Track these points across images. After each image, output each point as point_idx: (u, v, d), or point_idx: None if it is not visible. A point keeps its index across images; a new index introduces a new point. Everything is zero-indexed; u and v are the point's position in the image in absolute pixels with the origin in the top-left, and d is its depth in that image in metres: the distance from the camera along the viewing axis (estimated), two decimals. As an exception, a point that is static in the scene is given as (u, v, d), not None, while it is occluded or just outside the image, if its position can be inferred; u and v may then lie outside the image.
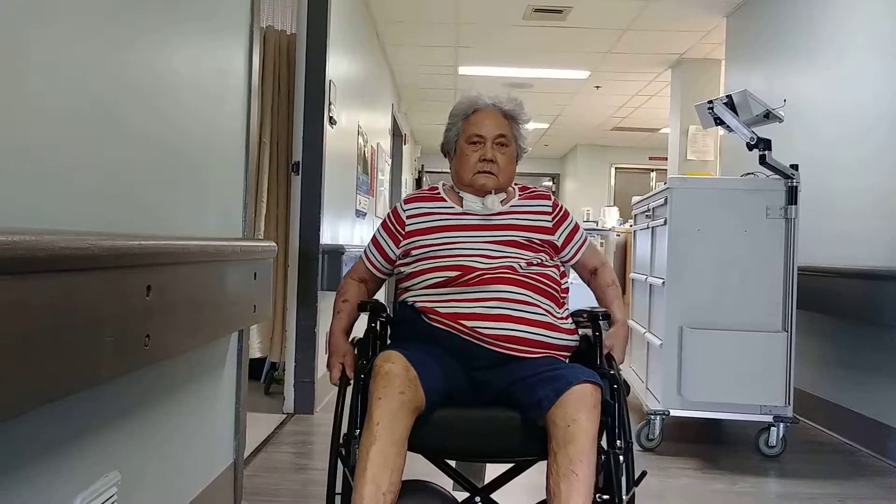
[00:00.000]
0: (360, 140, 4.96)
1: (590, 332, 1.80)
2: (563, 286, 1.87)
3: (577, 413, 1.51)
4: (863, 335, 3.42)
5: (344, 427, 1.63)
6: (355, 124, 4.76)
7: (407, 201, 1.98)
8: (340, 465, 1.62)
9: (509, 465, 1.78)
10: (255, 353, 3.85)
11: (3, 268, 0.94)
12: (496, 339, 1.71)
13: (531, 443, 1.59)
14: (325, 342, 3.83)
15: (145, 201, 1.63)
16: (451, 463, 1.83)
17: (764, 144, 3.08)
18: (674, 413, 3.15)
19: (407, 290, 1.85)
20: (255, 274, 2.14)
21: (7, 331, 0.95)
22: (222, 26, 2.13)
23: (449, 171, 2.03)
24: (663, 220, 3.29)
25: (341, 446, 1.62)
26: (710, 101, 3.32)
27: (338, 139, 4.08)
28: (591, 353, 1.76)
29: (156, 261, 1.42)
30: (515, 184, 1.99)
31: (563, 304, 1.86)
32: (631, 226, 4.61)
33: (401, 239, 1.91)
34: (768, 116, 3.20)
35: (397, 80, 7.79)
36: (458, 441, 1.67)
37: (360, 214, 5.00)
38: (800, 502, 2.69)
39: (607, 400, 1.60)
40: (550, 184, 14.41)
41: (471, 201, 1.90)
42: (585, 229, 2.29)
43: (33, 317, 1.01)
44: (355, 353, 1.77)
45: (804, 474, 3.01)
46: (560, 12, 5.40)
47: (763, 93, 3.53)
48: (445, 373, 1.66)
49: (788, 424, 3.10)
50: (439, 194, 1.97)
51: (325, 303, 3.72)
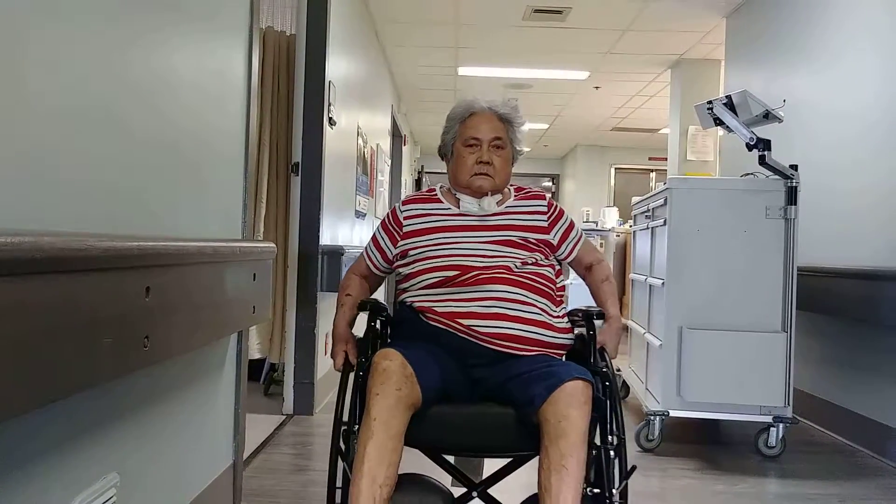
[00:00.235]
0: (360, 141, 4.96)
1: (584, 330, 1.83)
2: (558, 285, 1.90)
3: (568, 409, 1.54)
4: (862, 335, 3.42)
5: (344, 420, 1.67)
6: (355, 125, 4.76)
7: (405, 203, 2.02)
8: (340, 461, 1.65)
9: (506, 461, 1.81)
10: (255, 355, 3.85)
11: (2, 269, 0.93)
12: (492, 338, 1.74)
13: (525, 438, 1.63)
14: (326, 342, 3.84)
15: (145, 202, 1.63)
16: (451, 459, 1.87)
17: (763, 145, 3.08)
18: (673, 413, 3.15)
19: (405, 290, 1.90)
20: (254, 275, 2.14)
21: (5, 332, 0.95)
22: (222, 27, 2.13)
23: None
24: (663, 220, 3.29)
25: (342, 442, 1.65)
26: (710, 102, 3.32)
27: (337, 140, 4.08)
28: (586, 352, 1.80)
29: (155, 262, 1.42)
30: (511, 185, 2.03)
31: (560, 302, 1.89)
32: (630, 226, 4.61)
33: (398, 239, 1.95)
34: (768, 117, 3.20)
35: (397, 81, 7.79)
36: (453, 436, 1.71)
37: (359, 215, 5.00)
38: (800, 503, 2.69)
39: (599, 397, 1.64)
40: (550, 184, 14.41)
41: (467, 202, 1.94)
42: (585, 230, 2.33)
43: (32, 318, 1.01)
44: (357, 343, 1.82)
45: (804, 475, 3.01)
46: (559, 13, 5.40)
47: (762, 93, 3.53)
48: (442, 370, 1.70)
49: (788, 425, 3.10)
50: (436, 196, 2.01)
51: (325, 304, 3.72)
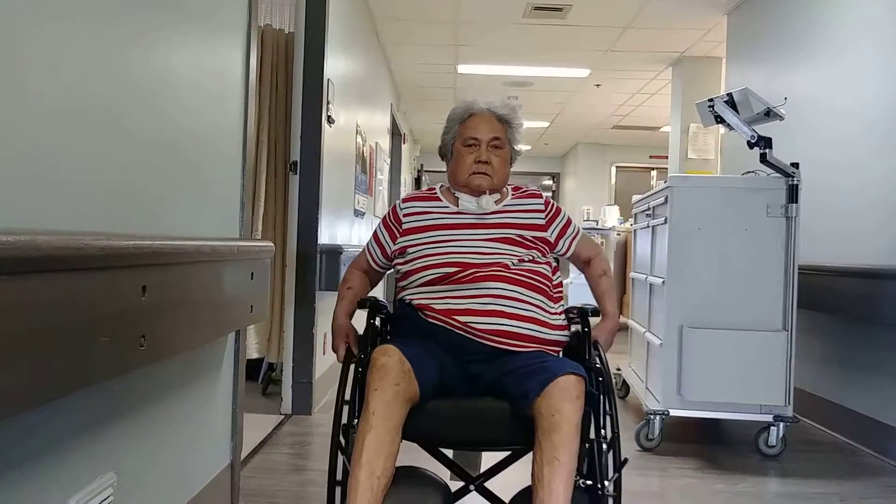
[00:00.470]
0: (359, 139, 4.95)
1: (580, 327, 1.88)
2: (555, 282, 1.93)
3: (561, 403, 1.58)
4: (863, 334, 3.41)
5: (344, 416, 1.71)
6: (354, 123, 4.75)
7: (405, 200, 2.07)
8: (340, 454, 1.69)
9: (503, 456, 1.84)
10: (253, 354, 3.85)
11: (-3, 268, 0.93)
12: (488, 334, 1.79)
13: (520, 432, 1.66)
14: (324, 342, 3.83)
15: (143, 201, 1.62)
16: (449, 454, 1.90)
17: (764, 143, 3.07)
18: (673, 413, 3.15)
19: (405, 288, 1.94)
20: (252, 274, 2.13)
21: (1, 331, 0.94)
22: (220, 26, 2.13)
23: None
24: (663, 218, 3.29)
25: (341, 436, 1.69)
26: (711, 100, 3.31)
27: (336, 138, 4.07)
28: (581, 348, 1.84)
29: (151, 261, 1.41)
30: (509, 184, 2.08)
31: (557, 299, 1.92)
32: (631, 225, 4.60)
33: (398, 236, 2.00)
34: (769, 114, 3.19)
35: (396, 79, 7.78)
36: (450, 430, 1.75)
37: (358, 214, 4.99)
38: (800, 502, 2.68)
39: (592, 391, 1.67)
40: (551, 182, 14.40)
41: (466, 201, 1.98)
42: (586, 229, 2.38)
43: (28, 317, 1.01)
44: (357, 336, 1.88)
45: (804, 474, 3.00)
46: (560, 10, 5.39)
47: (764, 91, 3.52)
48: (439, 365, 1.74)
49: (788, 424, 3.09)
50: (436, 195, 2.06)
51: (323, 303, 3.71)
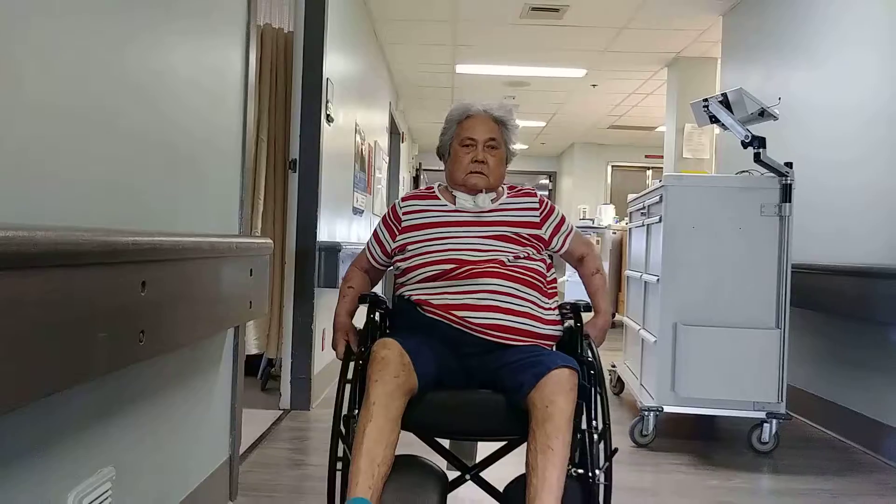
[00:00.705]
0: (358, 138, 4.97)
1: (573, 322, 1.93)
2: (549, 278, 1.99)
3: (554, 395, 1.63)
4: (856, 332, 3.44)
5: (345, 407, 1.76)
6: (353, 122, 4.77)
7: (404, 199, 2.12)
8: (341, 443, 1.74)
9: (498, 446, 1.89)
10: (252, 350, 3.87)
11: (-2, 263, 0.94)
12: (484, 328, 1.84)
13: (514, 423, 1.72)
14: (323, 338, 3.85)
15: (143, 199, 1.64)
16: (446, 445, 1.95)
17: (758, 142, 3.09)
18: (667, 409, 3.17)
19: (403, 284, 1.99)
20: (251, 270, 2.15)
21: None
22: (219, 24, 2.14)
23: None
24: (658, 217, 3.31)
25: (342, 426, 1.74)
26: (706, 100, 3.33)
27: (335, 137, 4.09)
28: (574, 342, 1.89)
29: (151, 256, 1.43)
30: (504, 183, 2.13)
31: (551, 295, 1.98)
32: (627, 223, 4.62)
33: (397, 234, 2.05)
34: (763, 114, 3.21)
35: (395, 78, 7.80)
36: (447, 420, 1.81)
37: (357, 212, 5.01)
38: (793, 498, 2.71)
39: (584, 384, 1.72)
40: (548, 181, 14.41)
41: (463, 199, 2.03)
42: (582, 228, 2.45)
43: (27, 312, 1.02)
44: (357, 334, 1.93)
45: (797, 470, 3.02)
46: (557, 11, 5.41)
47: (758, 91, 3.54)
48: (437, 358, 1.79)
49: (781, 421, 3.12)
50: (434, 193, 2.11)
51: (322, 300, 3.73)
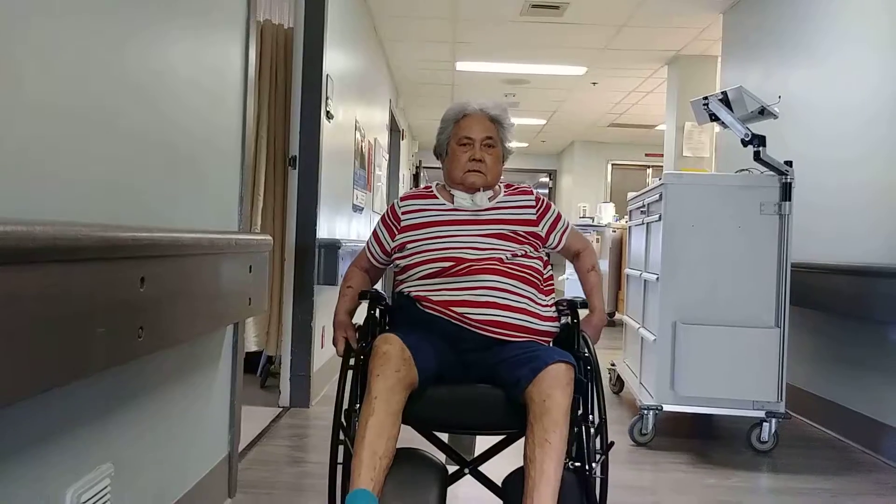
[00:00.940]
0: (358, 135, 4.96)
1: (570, 319, 1.96)
2: (545, 276, 2.02)
3: (551, 390, 1.65)
4: (856, 331, 3.44)
5: (345, 401, 1.77)
6: (352, 119, 4.77)
7: (403, 199, 2.14)
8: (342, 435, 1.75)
9: (496, 441, 1.91)
10: (252, 347, 3.86)
11: (-4, 258, 0.94)
12: (483, 324, 1.87)
13: (512, 417, 1.74)
14: (323, 335, 3.85)
15: (143, 197, 1.63)
16: (444, 439, 1.97)
17: (758, 141, 3.09)
18: (667, 408, 3.17)
19: (403, 281, 2.00)
20: (250, 267, 2.15)
21: (-1, 321, 0.95)
22: (219, 21, 2.14)
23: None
24: (658, 215, 3.30)
25: (343, 419, 1.76)
26: (706, 98, 3.33)
27: (335, 134, 4.09)
28: (571, 338, 1.92)
29: (150, 253, 1.42)
30: (501, 182, 2.15)
31: (548, 292, 2.01)
32: (626, 222, 4.62)
33: (396, 233, 2.06)
34: (763, 113, 3.21)
35: (395, 76, 7.79)
36: (447, 414, 1.83)
37: (356, 209, 5.00)
38: (792, 497, 2.71)
39: (580, 379, 1.75)
40: (547, 180, 14.41)
41: (461, 198, 2.05)
42: (581, 226, 2.47)
43: (25, 307, 1.02)
44: (357, 330, 1.94)
45: (796, 469, 3.03)
46: (557, 8, 5.40)
47: (758, 89, 3.54)
48: (437, 354, 1.81)
49: (780, 420, 3.12)
50: (432, 192, 2.12)
51: (322, 297, 3.73)
